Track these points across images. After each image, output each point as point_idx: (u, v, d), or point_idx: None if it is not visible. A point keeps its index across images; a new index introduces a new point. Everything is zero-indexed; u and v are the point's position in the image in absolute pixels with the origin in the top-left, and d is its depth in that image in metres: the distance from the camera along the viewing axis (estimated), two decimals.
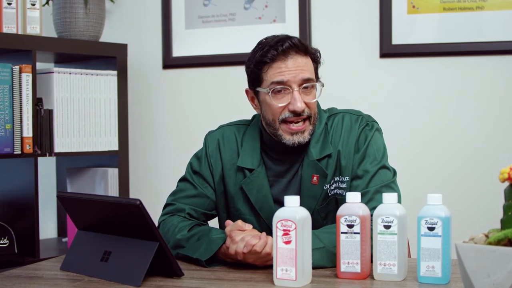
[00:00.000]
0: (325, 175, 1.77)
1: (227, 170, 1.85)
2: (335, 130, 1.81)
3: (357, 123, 1.81)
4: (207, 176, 1.87)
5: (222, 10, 2.95)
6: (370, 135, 1.80)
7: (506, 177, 1.21)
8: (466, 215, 2.54)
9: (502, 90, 2.61)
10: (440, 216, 1.41)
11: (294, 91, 1.71)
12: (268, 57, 1.72)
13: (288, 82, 1.72)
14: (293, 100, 1.71)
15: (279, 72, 1.72)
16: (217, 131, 1.93)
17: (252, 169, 1.81)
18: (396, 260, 1.45)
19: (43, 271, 1.66)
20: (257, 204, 1.81)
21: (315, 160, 1.77)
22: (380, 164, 1.78)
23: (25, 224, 2.57)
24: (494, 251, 1.14)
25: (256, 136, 1.85)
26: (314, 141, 1.79)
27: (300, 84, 1.72)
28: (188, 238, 1.72)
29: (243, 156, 1.83)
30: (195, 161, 1.92)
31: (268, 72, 1.73)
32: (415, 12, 2.66)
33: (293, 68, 1.71)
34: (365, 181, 1.76)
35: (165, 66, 3.05)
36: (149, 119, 3.10)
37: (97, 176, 2.86)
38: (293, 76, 1.71)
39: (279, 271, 1.44)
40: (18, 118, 2.50)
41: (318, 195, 1.78)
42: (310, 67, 1.76)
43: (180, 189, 1.90)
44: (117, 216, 1.55)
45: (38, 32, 2.64)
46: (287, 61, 1.72)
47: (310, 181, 1.77)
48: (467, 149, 2.64)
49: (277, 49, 1.71)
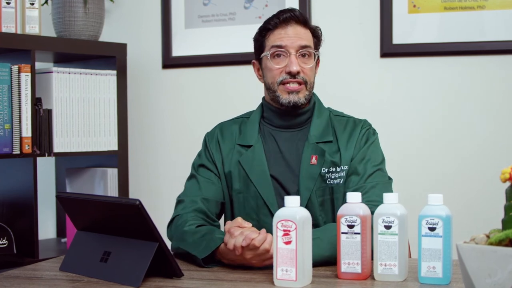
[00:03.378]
0: (323, 153, 1.87)
1: (225, 155, 1.94)
2: (340, 129, 1.93)
3: (360, 124, 1.95)
4: (210, 166, 1.95)
5: (222, 10, 2.94)
6: (372, 139, 1.93)
7: (507, 177, 1.21)
8: (467, 215, 2.54)
9: (503, 89, 2.60)
10: (441, 216, 1.41)
11: (291, 55, 1.86)
12: (271, 24, 1.90)
13: (286, 47, 1.87)
14: (289, 63, 1.86)
15: (279, 38, 1.88)
16: (216, 127, 2.03)
17: (250, 145, 1.92)
18: (397, 261, 1.45)
19: (42, 272, 1.66)
20: (253, 177, 1.88)
21: (315, 142, 1.88)
22: (378, 167, 1.89)
23: (24, 224, 2.57)
24: (495, 252, 1.13)
25: (257, 117, 1.97)
26: (315, 126, 1.91)
27: (297, 49, 1.87)
28: (194, 233, 1.73)
29: (243, 136, 1.95)
30: (197, 158, 2.00)
31: (269, 38, 1.90)
32: (416, 12, 2.65)
33: (292, 35, 1.87)
34: (363, 178, 1.85)
35: (165, 65, 3.05)
36: (149, 119, 3.10)
37: (96, 176, 2.86)
38: (291, 42, 1.87)
39: (279, 272, 1.44)
40: (17, 118, 2.50)
41: (316, 175, 1.86)
42: (308, 38, 1.91)
43: (188, 186, 1.96)
44: (116, 217, 1.55)
45: (37, 31, 2.63)
46: (287, 28, 1.88)
47: (309, 162, 1.86)
48: (468, 149, 2.64)
49: (279, 18, 1.89)
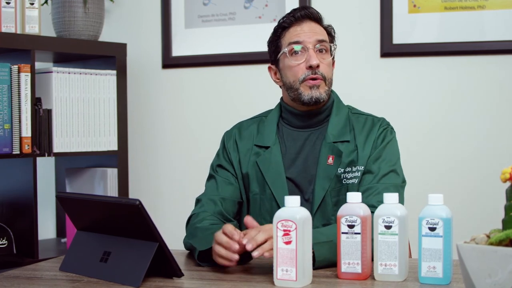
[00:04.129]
0: (340, 154, 1.85)
1: (243, 155, 1.94)
2: (358, 128, 1.92)
3: (379, 123, 1.93)
4: (227, 166, 1.96)
5: (222, 9, 2.94)
6: (389, 138, 1.92)
7: (508, 177, 1.21)
8: (467, 215, 2.54)
9: (503, 89, 2.60)
10: (441, 216, 1.41)
11: (310, 49, 1.87)
12: (286, 22, 1.91)
13: (304, 42, 1.87)
14: (309, 57, 1.86)
15: (295, 34, 1.89)
16: (235, 126, 2.03)
17: (267, 146, 1.91)
18: (397, 261, 1.44)
19: (42, 272, 1.66)
20: (270, 180, 1.87)
21: (332, 142, 1.86)
22: (393, 167, 1.88)
23: (24, 224, 2.56)
24: (495, 252, 1.13)
25: (275, 117, 1.96)
26: (333, 125, 1.90)
27: (314, 44, 1.88)
28: (205, 229, 1.74)
29: (260, 137, 1.94)
30: (215, 158, 2.01)
31: (285, 36, 1.90)
32: (416, 12, 2.65)
33: (308, 31, 1.89)
34: (376, 178, 1.84)
35: (165, 65, 3.05)
36: (149, 119, 3.10)
37: (96, 176, 2.85)
38: (308, 37, 1.88)
39: (279, 272, 1.43)
40: (16, 118, 2.49)
41: (332, 175, 1.84)
42: (324, 33, 1.92)
43: (208, 187, 1.97)
44: (116, 216, 1.55)
45: (37, 31, 2.63)
46: (302, 25, 1.90)
47: (326, 162, 1.85)
48: (469, 148, 2.64)
49: (294, 16, 1.91)
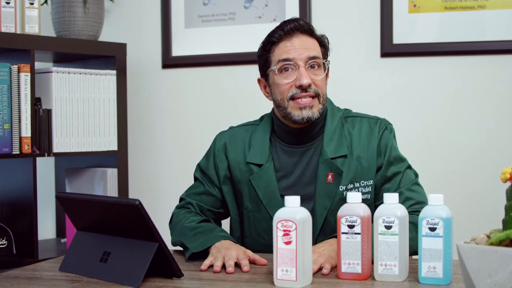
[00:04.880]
0: (340, 172, 1.78)
1: (233, 168, 1.88)
2: (354, 135, 1.84)
3: (377, 127, 1.85)
4: (212, 176, 1.92)
5: (222, 9, 2.94)
6: (391, 139, 1.87)
7: (508, 177, 1.20)
8: (467, 215, 2.54)
9: (503, 89, 2.60)
10: (441, 216, 1.41)
11: (300, 67, 1.76)
12: (275, 37, 1.79)
13: (294, 60, 1.77)
14: (299, 76, 1.76)
15: (285, 51, 1.78)
16: (227, 132, 1.97)
17: (260, 164, 1.84)
18: (397, 261, 1.44)
19: (41, 272, 1.66)
20: (264, 199, 1.82)
21: (329, 158, 1.79)
22: (406, 165, 1.85)
23: (23, 224, 2.56)
24: (495, 252, 1.13)
25: (267, 131, 1.88)
26: (328, 138, 1.82)
27: (306, 61, 1.77)
28: (194, 228, 1.79)
29: (252, 152, 1.86)
30: (203, 160, 1.97)
31: (275, 52, 1.80)
32: (416, 11, 2.65)
33: (298, 47, 1.78)
34: (396, 183, 1.81)
35: (165, 65, 3.04)
36: (148, 119, 3.09)
37: (96, 176, 2.85)
38: (299, 54, 1.77)
39: (279, 272, 1.43)
40: (16, 118, 2.49)
41: (333, 194, 1.78)
42: (316, 48, 1.81)
43: (192, 186, 1.97)
44: (116, 217, 1.55)
45: (37, 31, 2.63)
46: (292, 40, 1.78)
47: (325, 180, 1.79)
48: (468, 148, 2.63)
49: (283, 29, 1.79)
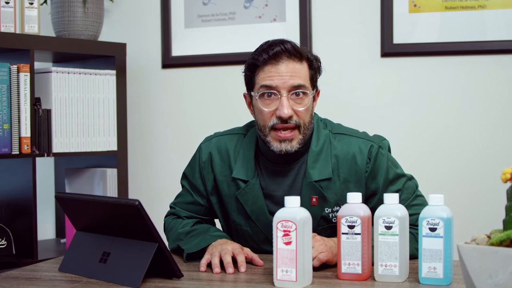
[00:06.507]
0: (324, 197, 1.74)
1: (219, 181, 1.85)
2: (341, 156, 1.75)
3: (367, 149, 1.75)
4: (199, 186, 1.89)
5: (222, 9, 2.94)
6: (384, 161, 1.76)
7: (509, 177, 1.20)
8: (468, 216, 2.53)
9: (504, 89, 2.60)
10: (442, 217, 1.40)
11: (282, 97, 1.67)
12: (260, 60, 1.69)
13: (277, 88, 1.67)
14: (280, 106, 1.67)
15: (269, 76, 1.68)
16: (212, 141, 1.89)
17: (246, 180, 1.79)
18: (397, 261, 1.44)
19: (41, 273, 1.66)
20: (253, 215, 1.80)
21: (313, 181, 1.73)
22: (404, 178, 1.78)
23: (23, 225, 2.56)
24: (496, 252, 1.13)
25: (252, 145, 1.82)
26: (312, 160, 1.74)
27: (289, 90, 1.67)
28: (188, 232, 1.80)
29: (238, 167, 1.80)
30: (188, 169, 1.93)
31: (259, 75, 1.70)
32: (417, 11, 2.65)
33: (283, 73, 1.67)
34: None
35: (164, 65, 3.04)
36: (148, 119, 3.09)
37: (95, 177, 2.85)
38: (282, 82, 1.67)
39: (279, 272, 1.43)
40: (16, 118, 2.49)
41: (318, 216, 1.74)
42: (303, 74, 1.70)
43: (180, 194, 1.96)
44: (116, 217, 1.54)
45: (36, 31, 2.63)
46: (278, 65, 1.68)
47: (310, 202, 1.73)
48: (469, 149, 2.63)
49: (268, 53, 1.68)
